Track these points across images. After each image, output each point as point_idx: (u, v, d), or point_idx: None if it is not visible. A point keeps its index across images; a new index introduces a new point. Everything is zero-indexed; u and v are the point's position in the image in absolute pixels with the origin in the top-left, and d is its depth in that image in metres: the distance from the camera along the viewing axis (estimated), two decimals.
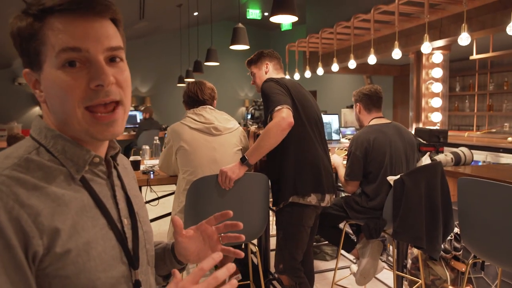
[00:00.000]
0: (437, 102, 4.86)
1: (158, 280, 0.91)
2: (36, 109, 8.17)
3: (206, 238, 0.89)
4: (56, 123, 0.66)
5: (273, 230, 3.77)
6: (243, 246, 2.63)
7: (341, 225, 2.53)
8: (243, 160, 1.87)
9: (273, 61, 2.19)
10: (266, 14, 8.96)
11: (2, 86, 7.76)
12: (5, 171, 0.58)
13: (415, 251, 2.67)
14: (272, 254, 3.17)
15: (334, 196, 2.10)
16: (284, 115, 1.83)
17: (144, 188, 2.42)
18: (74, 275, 0.59)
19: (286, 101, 1.88)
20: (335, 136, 3.87)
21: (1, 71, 7.72)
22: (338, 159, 2.62)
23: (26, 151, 0.63)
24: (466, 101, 6.03)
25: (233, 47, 3.60)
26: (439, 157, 2.80)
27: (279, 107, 1.85)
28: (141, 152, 3.55)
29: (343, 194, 3.49)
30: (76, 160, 0.66)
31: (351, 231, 3.00)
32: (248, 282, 2.40)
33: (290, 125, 1.83)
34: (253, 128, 3.08)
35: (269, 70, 2.16)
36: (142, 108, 8.31)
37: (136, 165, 2.64)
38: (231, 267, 0.61)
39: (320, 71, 4.74)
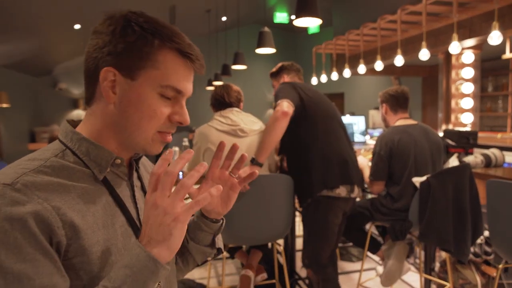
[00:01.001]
0: (468, 103, 4.73)
1: (205, 250, 0.88)
2: (75, 113, 8.55)
3: (220, 182, 0.83)
4: (111, 124, 0.71)
5: (299, 230, 3.80)
6: (269, 246, 2.68)
7: (367, 226, 2.53)
8: (252, 161, 1.93)
9: (291, 73, 2.32)
10: (293, 17, 8.98)
11: (44, 91, 8.20)
12: (31, 172, 0.62)
13: (444, 254, 2.63)
14: (298, 254, 3.20)
15: (362, 191, 2.12)
16: (278, 107, 1.92)
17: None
18: (97, 268, 0.63)
19: (287, 96, 1.97)
20: (360, 138, 3.85)
21: (44, 78, 8.16)
22: (364, 161, 2.63)
23: (53, 154, 0.68)
24: (499, 101, 5.81)
25: (259, 50, 3.67)
26: (468, 159, 2.75)
27: (278, 102, 1.95)
28: None
29: (369, 196, 3.48)
30: (99, 161, 0.70)
31: (377, 233, 2.99)
32: (274, 281, 2.44)
33: (285, 114, 1.90)
34: None
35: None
36: None
37: None
38: (214, 190, 0.62)
39: (347, 73, 4.72)
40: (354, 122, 4.07)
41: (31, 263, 0.56)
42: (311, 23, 2.48)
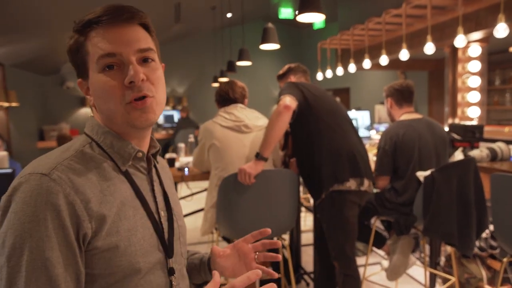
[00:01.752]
0: (474, 97, 4.69)
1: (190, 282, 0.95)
2: (83, 111, 8.65)
3: (242, 255, 0.90)
4: (104, 121, 0.76)
5: (304, 225, 3.82)
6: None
7: (371, 221, 2.54)
8: (257, 156, 1.94)
9: (297, 74, 2.35)
10: (297, 13, 8.94)
11: (52, 90, 8.30)
12: (64, 162, 0.68)
13: (448, 248, 2.63)
14: (303, 249, 3.22)
15: (372, 183, 2.13)
16: (281, 102, 1.95)
17: (179, 184, 2.55)
18: (117, 258, 0.68)
19: (289, 92, 1.99)
20: (365, 133, 3.84)
21: (51, 77, 8.25)
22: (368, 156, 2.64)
23: (81, 145, 0.73)
24: (507, 94, 5.75)
25: (263, 46, 3.67)
26: (474, 153, 2.74)
27: (281, 97, 1.98)
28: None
29: (374, 191, 3.48)
30: (122, 153, 0.75)
31: (382, 227, 2.99)
32: (279, 276, 2.47)
33: (287, 108, 1.93)
34: None
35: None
36: (180, 108, 8.60)
37: (171, 162, 2.78)
38: (253, 275, 0.65)
39: (352, 68, 4.70)
40: (359, 117, 4.06)
41: (56, 253, 0.61)
42: (315, 19, 2.48)
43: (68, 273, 0.62)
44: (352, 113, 4.71)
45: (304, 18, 2.43)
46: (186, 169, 2.54)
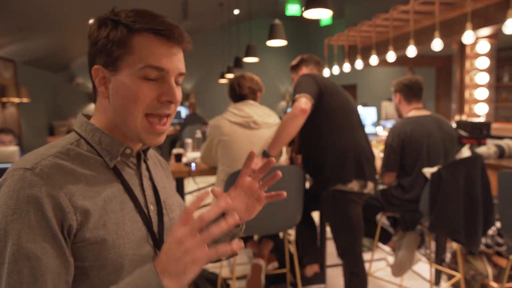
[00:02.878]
0: (482, 93, 4.65)
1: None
2: (91, 106, 8.73)
3: (248, 192, 0.87)
4: (111, 118, 0.75)
5: None
6: (281, 236, 2.73)
7: (377, 217, 2.55)
8: (264, 154, 1.95)
9: (310, 65, 2.30)
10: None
11: (62, 86, 8.40)
12: (49, 157, 0.68)
13: (454, 244, 2.63)
14: None
15: (375, 185, 2.13)
16: (297, 104, 1.90)
17: (186, 179, 2.58)
18: (106, 250, 0.68)
19: (306, 90, 1.95)
20: (371, 129, 3.84)
21: (61, 73, 8.35)
22: (375, 152, 2.64)
23: (68, 142, 0.74)
24: None
25: (270, 43, 3.68)
26: (481, 150, 2.73)
27: (297, 96, 1.94)
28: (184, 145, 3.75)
29: (380, 187, 3.48)
30: (110, 150, 0.75)
31: (387, 223, 3.00)
32: (285, 270, 2.49)
33: (303, 112, 1.89)
34: None
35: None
36: (188, 104, 8.64)
37: (179, 157, 2.81)
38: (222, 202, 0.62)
39: (359, 64, 4.69)
40: (367, 114, 4.05)
41: (40, 244, 0.62)
42: (322, 15, 2.48)
43: (55, 264, 0.63)
44: (361, 110, 4.70)
45: (311, 14, 2.43)
46: (193, 164, 2.57)
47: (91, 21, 0.76)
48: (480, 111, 4.66)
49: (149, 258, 0.76)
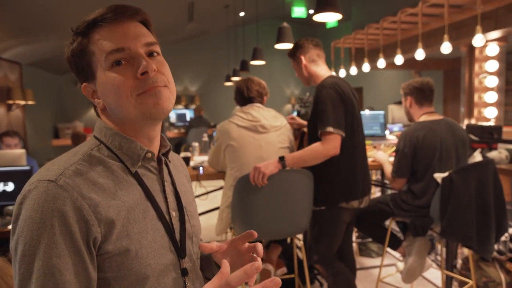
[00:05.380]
0: (492, 97, 4.61)
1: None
2: None
3: (238, 254, 0.84)
4: (115, 120, 0.75)
5: None
6: (288, 241, 2.70)
7: (387, 222, 2.51)
8: (281, 159, 1.92)
9: (308, 52, 2.09)
10: (311, 11, 8.92)
11: (67, 89, 8.42)
12: (72, 166, 0.67)
13: (466, 251, 2.59)
14: None
15: (369, 195, 2.13)
16: (336, 145, 1.88)
17: (194, 183, 2.56)
18: (129, 261, 0.67)
19: (340, 124, 1.89)
20: (380, 133, 3.81)
21: (66, 76, 8.37)
22: (384, 156, 2.61)
23: (89, 148, 0.73)
24: None
25: (278, 46, 3.66)
26: (492, 155, 2.69)
27: (331, 130, 1.86)
28: (190, 148, 3.73)
29: (389, 191, 3.45)
30: (131, 155, 0.74)
31: (397, 229, 2.96)
32: (293, 276, 2.46)
33: (335, 152, 1.89)
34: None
35: (308, 65, 2.10)
36: (194, 107, 8.65)
37: (186, 161, 2.80)
38: (250, 269, 0.57)
39: (366, 67, 4.66)
40: (375, 118, 3.98)
41: (64, 259, 0.61)
42: (332, 18, 2.46)
43: (77, 279, 0.62)
44: (370, 114, 4.63)
45: (321, 17, 2.41)
46: (201, 168, 2.55)
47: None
48: (490, 114, 4.61)
49: (172, 266, 0.75)
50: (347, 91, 1.98)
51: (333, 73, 2.14)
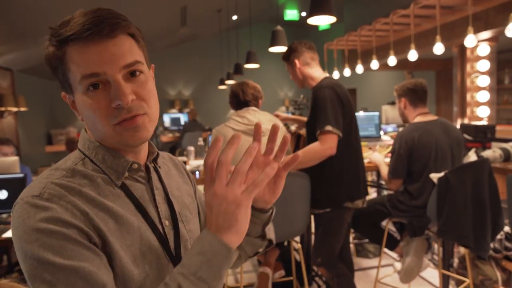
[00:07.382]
0: (484, 96, 4.66)
1: (256, 241, 0.84)
2: None
3: (264, 168, 0.70)
4: (95, 136, 0.73)
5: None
6: (286, 244, 2.70)
7: (383, 223, 2.52)
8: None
9: (302, 55, 2.09)
10: (303, 14, 8.96)
11: (59, 95, 8.05)
12: (55, 180, 0.66)
13: (462, 250, 2.60)
14: None
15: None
16: (332, 145, 1.89)
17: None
18: (120, 272, 0.65)
19: (339, 124, 1.90)
20: (375, 134, 3.82)
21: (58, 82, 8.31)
22: (380, 157, 2.62)
23: (73, 163, 0.70)
24: None
25: (272, 49, 3.67)
26: (486, 154, 2.72)
27: (330, 128, 1.87)
28: (185, 152, 3.72)
29: (385, 192, 3.46)
30: (116, 167, 0.71)
31: (394, 229, 2.97)
32: (291, 278, 2.46)
33: (332, 152, 1.91)
34: (293, 128, 3.13)
35: (302, 68, 2.11)
36: (188, 111, 8.62)
37: None
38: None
39: (359, 69, 4.69)
40: (370, 119, 4.00)
41: (78, 258, 0.59)
42: (325, 21, 2.47)
43: (99, 269, 0.61)
44: (364, 115, 4.66)
45: (315, 21, 2.42)
46: (197, 172, 2.54)
47: None
48: (482, 113, 4.66)
49: (167, 274, 0.73)
50: (345, 92, 2.00)
51: (327, 75, 2.15)
